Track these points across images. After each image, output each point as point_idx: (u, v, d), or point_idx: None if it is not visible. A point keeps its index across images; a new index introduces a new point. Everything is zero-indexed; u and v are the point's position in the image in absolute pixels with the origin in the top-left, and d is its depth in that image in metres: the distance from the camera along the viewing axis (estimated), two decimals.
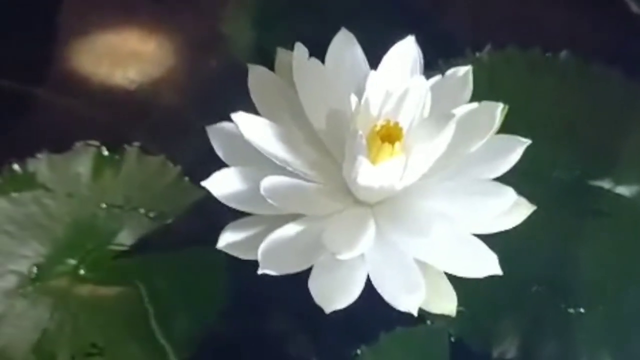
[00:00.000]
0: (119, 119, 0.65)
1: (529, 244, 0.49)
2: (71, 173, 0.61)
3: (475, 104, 0.42)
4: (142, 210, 0.60)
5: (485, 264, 0.39)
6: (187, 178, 0.61)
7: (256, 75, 0.42)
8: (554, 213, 0.60)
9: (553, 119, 0.65)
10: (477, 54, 0.67)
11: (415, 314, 0.37)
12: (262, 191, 0.37)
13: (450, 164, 0.41)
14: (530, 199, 0.45)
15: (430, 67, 0.60)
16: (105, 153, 0.62)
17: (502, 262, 0.42)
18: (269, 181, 0.38)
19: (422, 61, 0.43)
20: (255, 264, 0.40)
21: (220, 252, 0.47)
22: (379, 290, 0.38)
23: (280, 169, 0.40)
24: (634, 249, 0.59)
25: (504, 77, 0.66)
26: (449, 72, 0.43)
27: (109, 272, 0.58)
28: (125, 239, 0.59)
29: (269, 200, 0.37)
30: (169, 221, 0.60)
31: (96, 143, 0.62)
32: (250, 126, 0.39)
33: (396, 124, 0.38)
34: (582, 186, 0.62)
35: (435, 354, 0.54)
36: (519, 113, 0.60)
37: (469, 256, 0.40)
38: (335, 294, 0.38)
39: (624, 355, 0.54)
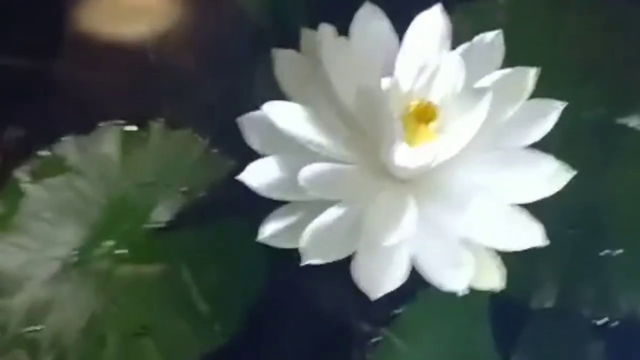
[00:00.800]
0: (140, 92, 0.64)
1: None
2: (100, 154, 0.61)
3: (507, 70, 0.42)
4: (174, 186, 0.60)
5: (529, 236, 0.40)
6: (215, 150, 0.61)
7: (282, 58, 0.42)
8: (583, 154, 0.59)
9: (576, 58, 0.65)
10: None
11: (462, 292, 0.37)
12: (301, 182, 0.37)
13: (485, 132, 0.40)
14: (560, 140, 0.45)
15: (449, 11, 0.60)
16: (131, 130, 0.62)
17: (535, 207, 0.43)
18: (306, 172, 0.38)
19: (451, 31, 0.42)
20: None
21: (255, 221, 0.48)
22: (423, 271, 0.39)
23: (314, 153, 0.40)
24: None
25: (524, 17, 0.66)
26: (477, 38, 0.42)
27: (147, 251, 0.59)
28: (160, 215, 0.60)
29: (310, 192, 0.37)
30: (202, 195, 0.60)
31: (120, 121, 0.62)
32: (282, 115, 0.39)
33: (430, 103, 0.38)
34: (608, 125, 0.62)
35: (474, 306, 0.55)
36: (542, 54, 0.62)
37: (513, 229, 0.41)
38: (380, 279, 0.39)
39: None
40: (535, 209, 0.43)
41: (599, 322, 0.56)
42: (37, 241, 0.59)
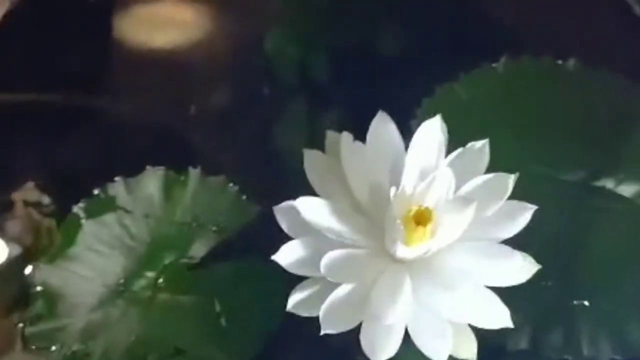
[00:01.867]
0: (182, 139, 0.74)
1: (539, 242, 0.54)
2: (145, 195, 0.70)
3: (490, 175, 0.51)
4: (207, 226, 0.70)
5: (499, 317, 0.50)
6: (244, 196, 0.71)
7: (311, 158, 0.52)
8: (562, 213, 0.69)
9: (563, 124, 0.73)
10: (494, 65, 0.75)
11: None
12: (322, 271, 0.48)
13: (470, 227, 0.51)
14: (542, 200, 0.53)
15: (453, 79, 0.69)
16: (172, 175, 0.71)
17: None
18: (326, 261, 0.48)
19: (446, 141, 0.52)
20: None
21: (276, 262, 0.56)
22: (415, 340, 0.49)
23: (332, 238, 0.51)
24: (635, 245, 0.68)
25: (517, 85, 0.75)
26: (468, 145, 0.52)
27: (184, 283, 0.68)
28: (196, 252, 0.69)
29: (329, 278, 0.48)
30: (231, 235, 0.70)
31: (162, 167, 0.72)
32: (309, 209, 0.49)
33: (427, 208, 0.48)
34: (587, 186, 0.70)
35: None
36: (533, 118, 0.70)
37: (487, 309, 0.50)
38: (380, 348, 0.49)
39: (620, 344, 0.63)
40: None
41: None
42: (90, 270, 0.68)
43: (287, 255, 0.49)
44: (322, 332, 0.48)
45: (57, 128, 0.77)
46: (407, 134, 0.55)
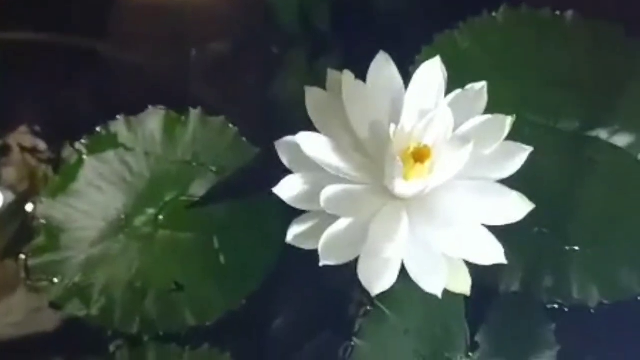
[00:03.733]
0: (183, 80, 0.75)
1: (534, 189, 0.52)
2: (146, 133, 0.71)
3: (488, 116, 0.52)
4: (207, 166, 0.70)
5: (493, 254, 0.51)
6: (244, 138, 0.71)
7: (312, 95, 0.53)
8: (556, 161, 0.70)
9: (560, 73, 0.73)
10: (494, 14, 0.74)
11: (440, 296, 0.50)
12: (322, 203, 0.49)
13: (466, 166, 0.52)
14: (537, 148, 0.54)
15: (452, 27, 0.70)
16: (173, 114, 0.72)
17: None
18: (326, 194, 0.49)
19: (446, 80, 0.53)
20: None
21: (274, 201, 0.57)
22: (411, 274, 0.51)
23: (332, 174, 0.52)
24: (625, 195, 0.69)
25: (516, 35, 0.74)
26: (467, 87, 0.53)
27: (184, 220, 0.69)
28: (196, 190, 0.70)
29: (328, 211, 0.49)
30: (230, 175, 0.70)
31: (164, 106, 0.72)
32: (310, 144, 0.50)
33: (426, 146, 0.50)
34: (581, 136, 0.71)
35: None
36: (531, 68, 0.71)
37: (481, 246, 0.51)
38: (377, 280, 0.50)
39: (608, 289, 0.63)
40: None
41: (554, 307, 0.66)
42: (92, 205, 0.69)
43: (287, 189, 0.50)
44: (321, 264, 0.48)
45: (57, 69, 0.77)
46: (406, 80, 0.56)
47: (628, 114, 0.71)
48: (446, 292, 0.60)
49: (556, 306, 0.66)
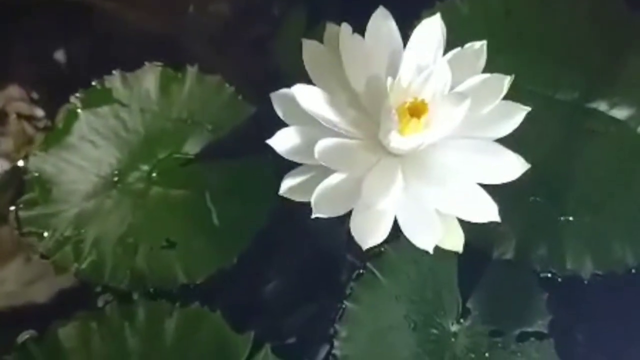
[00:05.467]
0: (180, 38, 0.74)
1: (531, 159, 0.52)
2: (142, 89, 0.70)
3: (486, 75, 0.52)
4: (202, 124, 0.70)
5: (487, 212, 0.50)
6: (240, 96, 0.71)
7: (309, 48, 0.52)
8: (554, 131, 0.70)
9: (561, 44, 0.73)
10: None
11: (431, 252, 0.49)
12: (316, 155, 0.48)
13: (463, 124, 0.51)
14: (535, 117, 0.54)
15: None
16: (169, 72, 0.71)
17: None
18: (320, 146, 0.48)
19: (445, 38, 0.52)
20: None
21: (269, 160, 0.59)
22: (404, 230, 0.50)
23: (327, 127, 0.51)
24: (621, 166, 0.69)
25: (518, 4, 0.75)
26: (467, 45, 0.52)
27: (177, 177, 0.69)
28: (190, 148, 0.70)
29: (322, 162, 0.48)
30: (225, 134, 0.70)
31: (161, 63, 0.71)
32: (306, 96, 0.50)
33: (422, 101, 0.49)
34: (581, 107, 0.71)
35: (446, 253, 0.61)
36: (531, 38, 0.70)
37: (475, 204, 0.51)
38: (369, 234, 0.50)
39: (602, 260, 0.63)
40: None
41: (547, 276, 0.66)
42: (85, 160, 0.69)
43: (281, 141, 0.50)
44: (313, 216, 0.48)
45: (54, 24, 0.76)
46: (405, 43, 0.55)
47: (628, 87, 0.71)
48: (438, 258, 0.62)
49: (549, 275, 0.66)
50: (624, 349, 0.65)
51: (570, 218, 0.66)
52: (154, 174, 0.69)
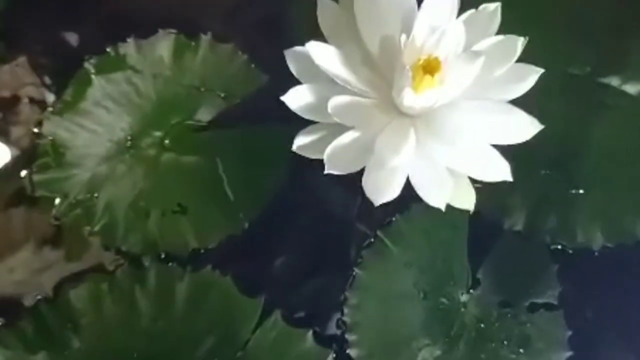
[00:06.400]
0: (195, 6, 0.75)
1: (541, 131, 0.51)
2: (155, 56, 0.71)
3: (500, 37, 0.52)
4: (215, 91, 0.70)
5: (499, 170, 0.50)
6: (252, 65, 0.71)
7: (323, 7, 0.52)
8: (566, 105, 0.70)
9: (575, 18, 0.73)
10: None
11: (443, 209, 0.49)
12: (329, 110, 0.48)
13: (476, 85, 0.51)
14: (547, 90, 0.54)
15: None
16: (183, 39, 0.71)
17: (518, 148, 0.52)
18: (334, 101, 0.49)
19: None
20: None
21: (281, 128, 0.57)
22: (415, 188, 0.50)
23: (341, 86, 0.51)
24: (633, 141, 0.69)
25: None
26: (481, 7, 0.52)
27: (189, 144, 0.69)
28: (203, 115, 0.70)
29: (335, 118, 0.48)
30: (238, 101, 0.70)
31: (175, 30, 0.71)
32: (320, 53, 0.50)
33: (436, 58, 0.49)
34: (593, 81, 0.71)
35: (457, 222, 0.66)
36: (545, 11, 0.70)
37: (487, 163, 0.51)
38: (382, 190, 0.50)
39: (612, 233, 0.64)
40: (517, 151, 0.52)
41: (557, 248, 0.66)
42: (99, 125, 0.69)
43: (295, 98, 0.50)
44: (325, 172, 0.48)
45: None
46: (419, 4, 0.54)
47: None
48: (450, 230, 0.65)
49: (559, 247, 0.66)
50: (633, 320, 0.66)
51: (581, 191, 0.67)
52: (166, 140, 0.69)
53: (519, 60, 0.52)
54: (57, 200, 0.66)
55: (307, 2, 0.70)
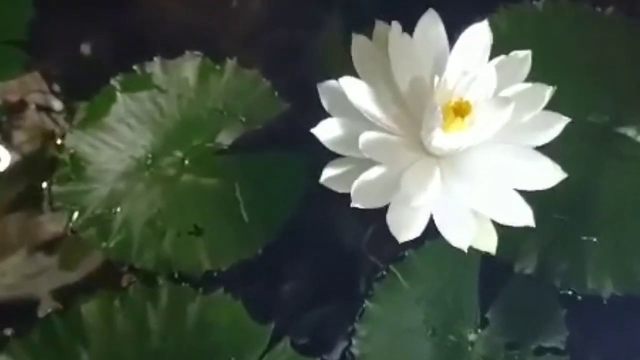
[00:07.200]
0: (222, 28, 0.75)
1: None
2: (181, 77, 0.71)
3: (530, 84, 0.53)
4: (237, 116, 0.71)
5: (522, 216, 0.51)
6: (276, 92, 0.72)
7: (358, 43, 0.53)
8: (583, 152, 0.71)
9: (595, 68, 0.74)
10: (534, 2, 0.76)
11: (465, 250, 0.50)
12: (360, 145, 0.49)
13: (504, 130, 0.52)
14: (565, 137, 0.54)
15: (492, 11, 0.70)
16: (209, 62, 0.72)
17: (532, 192, 0.53)
18: (365, 136, 0.49)
19: (490, 44, 0.53)
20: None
21: (299, 156, 0.60)
22: (439, 228, 0.51)
23: (370, 122, 0.52)
24: None
25: (554, 26, 0.76)
26: (512, 54, 0.53)
27: (209, 166, 0.70)
28: (223, 138, 0.71)
29: (365, 153, 0.49)
30: (259, 127, 0.71)
31: (201, 53, 0.72)
32: (352, 88, 0.51)
33: (467, 101, 0.50)
34: (610, 131, 0.72)
35: (469, 262, 0.66)
36: (566, 60, 0.71)
37: (510, 207, 0.51)
38: (405, 227, 0.50)
39: (622, 283, 0.64)
40: (533, 194, 0.53)
41: (567, 293, 0.66)
42: (120, 141, 0.70)
43: (325, 130, 0.50)
44: (351, 205, 0.48)
45: (101, 9, 0.77)
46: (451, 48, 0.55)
47: None
48: (461, 266, 0.65)
49: (569, 293, 0.66)
50: None
51: (594, 239, 0.67)
52: (186, 161, 0.69)
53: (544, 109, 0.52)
54: (75, 214, 0.66)
55: (333, 31, 0.71)
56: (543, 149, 0.52)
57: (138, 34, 0.75)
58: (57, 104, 0.71)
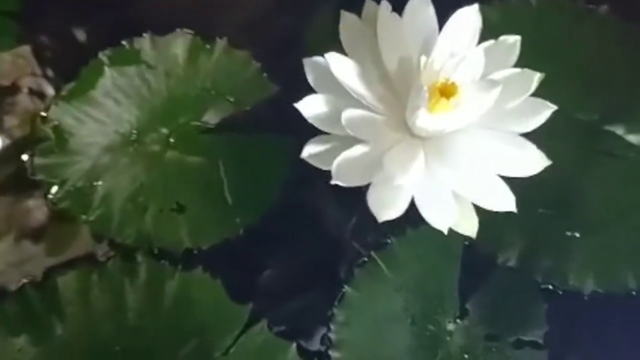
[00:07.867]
0: (215, 11, 0.75)
1: (544, 172, 0.52)
2: (170, 54, 0.71)
3: (517, 70, 0.52)
4: (225, 96, 0.70)
5: (504, 201, 0.51)
6: (265, 74, 0.71)
7: (346, 21, 0.53)
8: (571, 148, 0.70)
9: (587, 66, 0.73)
10: None
11: (446, 232, 0.49)
12: (342, 121, 0.48)
13: (490, 114, 0.52)
14: (553, 132, 0.54)
15: (485, 1, 0.67)
16: (199, 41, 0.71)
17: (519, 183, 0.52)
18: (348, 113, 0.49)
19: (480, 28, 0.53)
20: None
21: (286, 139, 0.59)
22: (420, 210, 0.50)
23: (355, 100, 0.51)
24: (633, 191, 0.69)
25: (547, 22, 0.75)
26: (501, 38, 0.53)
27: (194, 144, 0.69)
28: (210, 118, 0.70)
29: (348, 130, 0.49)
30: (247, 108, 0.70)
31: (192, 31, 0.71)
32: (338, 64, 0.50)
33: (453, 83, 0.49)
34: (599, 129, 0.71)
35: (451, 252, 0.66)
36: (557, 55, 0.70)
37: (493, 192, 0.51)
38: (386, 207, 0.50)
39: (604, 280, 0.63)
40: (518, 187, 0.53)
41: (548, 288, 0.66)
42: (106, 115, 0.69)
43: (309, 106, 0.50)
44: (332, 182, 0.48)
45: None
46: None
47: None
48: (443, 259, 0.65)
49: (550, 287, 0.66)
50: None
51: (577, 234, 0.67)
52: (171, 138, 0.69)
53: (531, 96, 0.52)
54: (55, 187, 0.65)
55: (324, 18, 0.71)
56: (531, 140, 0.53)
57: (129, 10, 0.74)
58: (50, 89, 0.71)
